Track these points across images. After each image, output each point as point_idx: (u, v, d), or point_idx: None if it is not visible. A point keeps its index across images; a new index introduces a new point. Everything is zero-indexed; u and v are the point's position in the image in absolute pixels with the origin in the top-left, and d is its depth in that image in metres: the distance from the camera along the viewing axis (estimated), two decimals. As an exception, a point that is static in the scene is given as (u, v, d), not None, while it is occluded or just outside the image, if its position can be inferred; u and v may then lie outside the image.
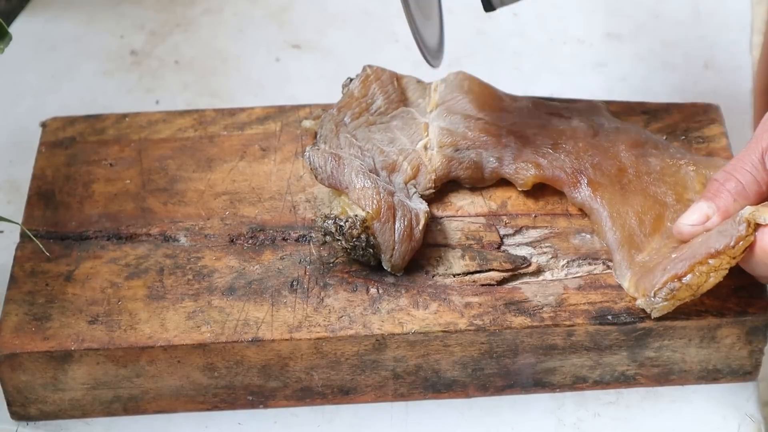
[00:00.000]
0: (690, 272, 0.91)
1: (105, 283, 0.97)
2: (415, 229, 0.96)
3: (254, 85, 1.22)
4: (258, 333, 0.94)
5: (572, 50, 1.24)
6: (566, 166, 1.01)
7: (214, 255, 0.99)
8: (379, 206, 0.95)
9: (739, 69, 1.22)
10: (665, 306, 0.92)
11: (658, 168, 1.01)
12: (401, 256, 0.96)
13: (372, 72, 1.05)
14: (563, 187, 1.01)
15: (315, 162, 0.98)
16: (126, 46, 1.25)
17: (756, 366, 0.98)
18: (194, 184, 1.03)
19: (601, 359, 0.96)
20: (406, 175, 1.01)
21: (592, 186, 1.00)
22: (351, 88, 1.05)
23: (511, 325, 0.94)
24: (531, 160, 1.01)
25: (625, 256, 0.96)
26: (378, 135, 1.03)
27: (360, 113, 1.04)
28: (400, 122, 1.04)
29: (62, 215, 1.01)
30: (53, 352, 0.93)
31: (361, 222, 0.95)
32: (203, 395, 0.96)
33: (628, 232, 0.97)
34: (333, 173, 0.98)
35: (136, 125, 1.08)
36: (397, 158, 1.01)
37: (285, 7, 1.29)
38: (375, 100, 1.04)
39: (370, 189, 0.96)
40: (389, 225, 0.95)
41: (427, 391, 0.97)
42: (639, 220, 0.98)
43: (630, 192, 0.99)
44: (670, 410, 0.98)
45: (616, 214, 0.98)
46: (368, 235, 0.95)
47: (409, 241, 0.96)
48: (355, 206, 0.96)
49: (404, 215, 0.96)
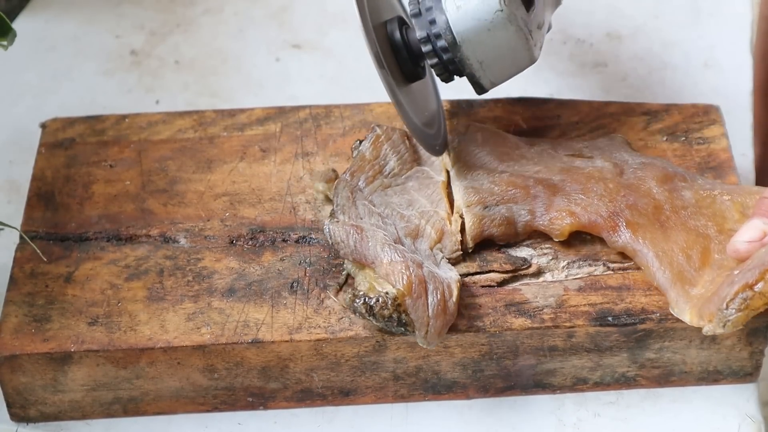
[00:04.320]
0: (761, 279, 0.89)
1: (105, 284, 0.97)
2: (449, 301, 0.93)
3: (254, 85, 1.22)
4: (258, 334, 0.94)
5: (572, 50, 1.24)
6: (602, 211, 0.97)
7: (214, 256, 0.98)
8: (410, 282, 0.91)
9: (739, 69, 1.22)
10: (739, 318, 0.89)
11: (693, 201, 0.99)
12: (436, 332, 0.92)
13: (383, 132, 1.02)
14: (601, 233, 0.97)
15: (336, 236, 0.94)
16: (126, 46, 1.25)
17: (756, 367, 0.98)
18: (194, 185, 1.03)
19: (601, 360, 0.96)
20: (431, 240, 0.97)
21: (631, 228, 0.97)
22: (362, 150, 1.01)
23: (511, 327, 0.94)
24: (564, 208, 0.98)
25: (681, 292, 0.94)
26: (395, 198, 1.00)
27: (374, 176, 1.00)
28: (416, 183, 1.01)
29: (62, 216, 1.01)
30: (53, 353, 0.93)
31: (392, 300, 0.91)
32: (203, 397, 0.96)
33: (677, 269, 0.95)
34: (357, 247, 0.94)
35: (136, 126, 1.08)
36: (419, 222, 0.98)
37: (285, 7, 1.29)
38: (388, 161, 1.01)
39: (399, 263, 0.92)
40: (422, 301, 0.91)
41: (427, 393, 0.97)
42: (686, 255, 0.95)
43: (670, 229, 0.97)
44: (670, 410, 0.98)
45: (662, 253, 0.95)
46: (400, 313, 0.91)
47: (444, 315, 0.92)
48: (382, 281, 0.92)
49: (436, 288, 0.92)
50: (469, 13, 0.94)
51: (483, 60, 0.95)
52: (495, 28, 0.94)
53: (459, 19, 0.94)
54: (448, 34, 0.94)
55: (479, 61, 0.96)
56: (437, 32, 0.95)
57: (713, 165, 1.04)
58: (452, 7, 0.94)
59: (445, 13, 0.94)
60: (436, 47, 0.96)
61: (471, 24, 0.94)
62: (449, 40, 0.95)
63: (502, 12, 0.93)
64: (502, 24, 0.94)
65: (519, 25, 0.94)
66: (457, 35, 0.94)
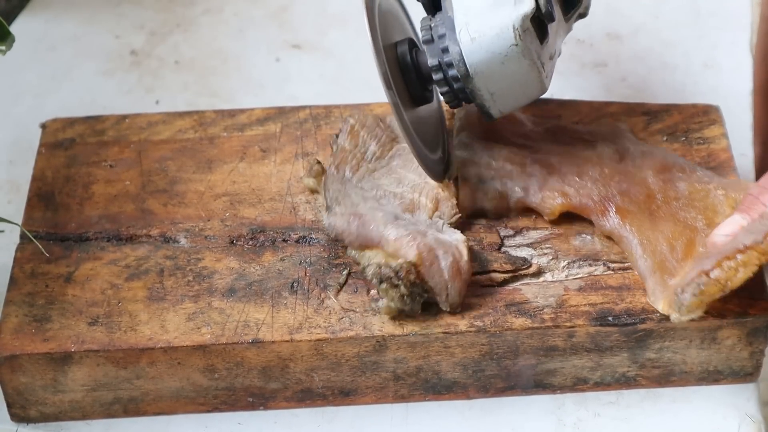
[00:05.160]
0: (717, 266, 0.90)
1: (105, 284, 0.97)
2: (461, 262, 0.94)
3: (254, 85, 1.22)
4: (258, 334, 0.94)
5: (572, 50, 1.24)
6: (593, 194, 0.99)
7: (215, 256, 0.98)
8: (419, 251, 0.93)
9: (739, 69, 1.22)
10: (694, 302, 0.90)
11: (687, 193, 0.99)
12: (457, 293, 0.94)
13: (356, 121, 1.04)
14: (591, 216, 0.99)
15: (338, 227, 0.96)
16: (126, 46, 1.25)
17: (757, 367, 0.98)
18: (194, 185, 1.03)
19: (601, 360, 0.96)
20: (428, 210, 0.99)
21: (620, 213, 0.98)
22: (340, 143, 1.03)
23: (511, 327, 0.94)
24: (557, 189, 0.99)
25: (658, 281, 0.95)
26: (384, 180, 1.01)
27: (358, 164, 1.02)
28: (400, 161, 1.02)
29: (62, 216, 1.01)
30: (53, 353, 0.93)
31: (413, 268, 0.93)
32: (203, 397, 0.96)
33: (659, 259, 0.95)
34: (360, 232, 0.95)
35: (136, 126, 1.08)
36: (413, 196, 0.99)
37: (285, 7, 1.29)
38: (368, 147, 1.03)
39: (405, 237, 0.94)
40: (435, 266, 0.93)
41: (427, 393, 0.97)
42: (670, 246, 0.96)
43: (659, 218, 0.98)
44: (671, 410, 0.98)
45: (647, 241, 0.96)
46: (421, 281, 0.93)
47: (460, 275, 0.94)
48: (391, 259, 0.94)
49: (446, 252, 0.94)
50: (483, 46, 0.93)
51: (494, 92, 0.95)
52: (509, 62, 0.93)
53: (473, 51, 0.93)
54: (460, 66, 0.93)
55: (490, 92, 0.95)
56: (449, 61, 0.94)
57: (713, 165, 1.04)
58: (466, 38, 0.93)
59: (458, 44, 0.93)
60: (447, 76, 0.95)
61: (485, 56, 0.93)
62: (461, 72, 0.93)
63: (517, 46, 0.92)
64: (516, 58, 0.93)
65: (533, 58, 0.93)
66: (470, 67, 0.93)
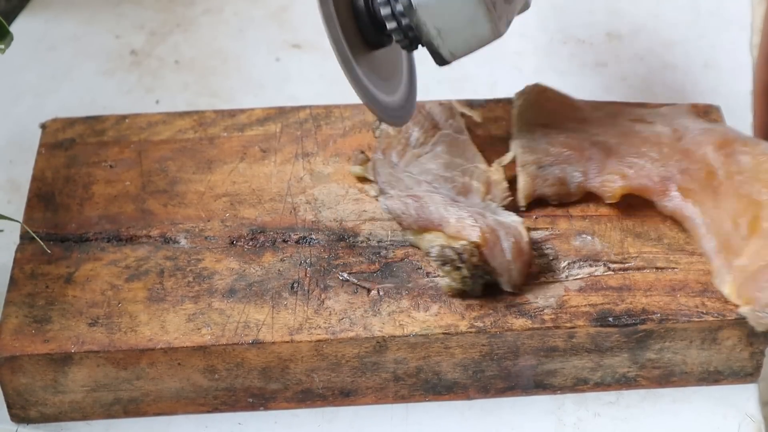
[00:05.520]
0: None
1: (105, 285, 0.97)
2: (522, 242, 0.95)
3: (254, 85, 1.22)
4: (258, 335, 0.94)
5: (572, 50, 1.24)
6: (653, 175, 0.97)
7: (215, 257, 0.98)
8: (483, 232, 0.93)
9: (739, 69, 1.22)
10: None
11: (750, 166, 0.97)
12: (519, 273, 0.94)
13: None
14: (652, 197, 0.98)
15: (396, 209, 0.97)
16: (126, 46, 1.25)
17: (757, 367, 0.98)
18: (194, 185, 1.03)
19: (602, 361, 0.96)
20: (480, 194, 0.99)
21: (682, 193, 0.96)
22: (383, 128, 1.04)
23: (512, 327, 0.94)
24: (616, 171, 0.98)
25: (724, 262, 0.93)
26: (431, 165, 1.01)
27: (403, 150, 1.02)
28: (444, 146, 1.02)
29: (62, 217, 1.01)
30: (53, 354, 0.93)
31: (476, 249, 0.93)
32: (203, 397, 0.96)
33: (723, 238, 0.94)
34: (420, 214, 0.96)
35: (136, 127, 1.08)
36: (464, 180, 1.00)
37: (285, 7, 1.29)
38: (411, 132, 1.03)
39: (467, 218, 0.94)
40: (498, 248, 0.93)
41: (427, 393, 0.97)
42: (734, 223, 0.94)
43: (722, 195, 0.96)
44: (670, 410, 0.98)
45: (710, 220, 0.95)
46: (483, 262, 0.93)
47: (521, 256, 0.94)
48: (453, 240, 0.94)
49: (507, 233, 0.94)
50: None
51: (441, 28, 0.93)
52: None
53: None
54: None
55: (437, 28, 0.93)
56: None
57: (713, 165, 1.04)
58: None
59: None
60: (396, 11, 0.94)
61: None
62: (405, 3, 0.93)
63: None
64: None
65: None
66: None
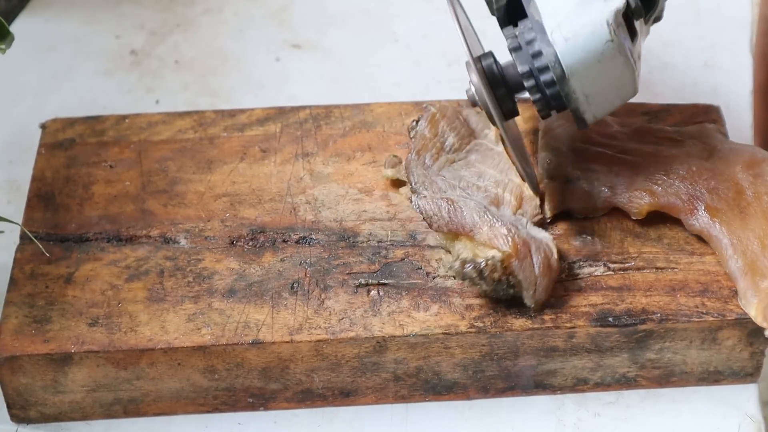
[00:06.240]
0: None
1: (105, 285, 0.97)
2: (552, 258, 0.94)
3: (254, 85, 1.22)
4: (258, 335, 0.94)
5: (572, 50, 1.24)
6: (681, 193, 0.97)
7: (215, 257, 0.98)
8: (515, 243, 0.93)
9: (739, 69, 1.22)
10: None
11: None
12: (545, 290, 0.94)
13: (437, 110, 1.03)
14: (679, 215, 0.97)
15: (428, 210, 0.96)
16: (126, 46, 1.25)
17: (757, 368, 0.98)
18: (194, 185, 1.03)
19: (602, 361, 0.96)
20: (512, 207, 0.98)
21: (709, 212, 0.96)
22: (420, 130, 1.02)
23: (511, 327, 0.94)
24: (644, 188, 0.98)
25: (750, 283, 0.93)
26: (464, 172, 1.01)
27: (438, 153, 1.01)
28: (478, 155, 1.02)
29: (62, 217, 1.01)
30: (53, 354, 0.93)
31: (500, 263, 0.92)
32: (203, 397, 0.96)
33: (750, 259, 0.94)
34: (452, 218, 0.95)
35: (136, 127, 1.08)
36: (497, 191, 0.99)
37: (285, 7, 1.29)
38: (446, 137, 1.02)
39: (502, 227, 0.94)
40: (528, 261, 0.93)
41: (427, 393, 0.97)
42: (762, 244, 0.94)
43: (750, 215, 0.96)
44: (671, 410, 0.98)
45: (737, 241, 0.94)
46: (508, 275, 0.92)
47: (550, 272, 0.94)
48: (483, 248, 0.93)
49: (539, 248, 0.94)
50: (578, 45, 0.90)
51: (590, 93, 0.92)
52: (605, 59, 0.91)
53: (568, 51, 0.90)
54: (556, 67, 0.91)
55: (586, 94, 0.92)
56: (542, 66, 0.91)
57: (714, 165, 1.04)
58: (560, 39, 0.91)
59: (552, 46, 0.91)
60: (540, 82, 0.93)
61: (580, 56, 0.91)
62: (557, 74, 0.91)
63: (612, 42, 0.90)
64: (611, 55, 0.91)
65: (627, 55, 0.91)
66: (566, 68, 0.91)
